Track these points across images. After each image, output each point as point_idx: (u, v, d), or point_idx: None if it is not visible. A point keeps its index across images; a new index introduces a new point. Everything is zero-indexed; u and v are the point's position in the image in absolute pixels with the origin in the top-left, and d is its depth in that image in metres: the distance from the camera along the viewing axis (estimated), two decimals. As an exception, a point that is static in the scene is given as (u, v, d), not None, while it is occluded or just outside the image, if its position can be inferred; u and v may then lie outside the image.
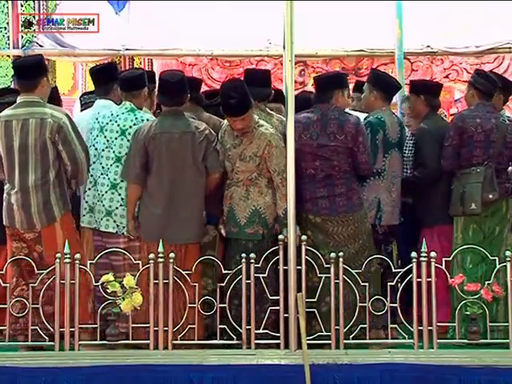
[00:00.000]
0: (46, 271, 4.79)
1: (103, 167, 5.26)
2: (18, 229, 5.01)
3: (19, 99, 5.10)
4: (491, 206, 5.46)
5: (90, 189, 5.30)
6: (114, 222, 5.21)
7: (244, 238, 5.06)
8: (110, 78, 5.57)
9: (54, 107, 5.16)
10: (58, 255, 4.74)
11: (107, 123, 5.29)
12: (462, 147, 5.48)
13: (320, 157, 5.16)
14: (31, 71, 5.09)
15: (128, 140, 5.23)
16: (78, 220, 5.31)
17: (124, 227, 5.19)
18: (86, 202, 5.29)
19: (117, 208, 5.22)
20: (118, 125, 5.28)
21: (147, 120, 5.27)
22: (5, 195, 5.07)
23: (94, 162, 5.28)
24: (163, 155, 5.07)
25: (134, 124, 5.25)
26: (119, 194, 5.23)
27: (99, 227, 5.22)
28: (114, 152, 5.25)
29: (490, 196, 5.40)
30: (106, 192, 5.23)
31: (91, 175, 5.28)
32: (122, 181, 5.22)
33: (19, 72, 5.20)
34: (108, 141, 5.27)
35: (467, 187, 5.41)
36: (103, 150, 5.27)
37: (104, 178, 5.25)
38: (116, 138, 5.26)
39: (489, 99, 5.60)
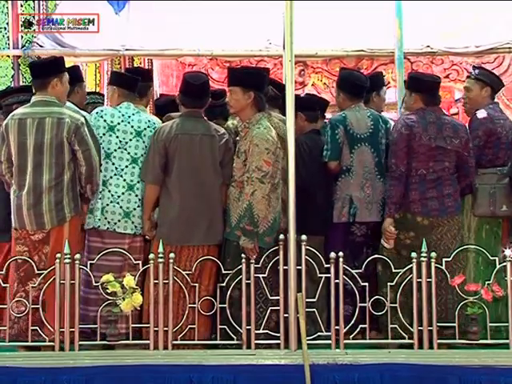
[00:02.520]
0: (46, 271, 4.78)
1: (116, 168, 5.22)
2: (26, 230, 4.97)
3: (34, 98, 5.08)
4: None
5: (101, 191, 5.20)
6: (133, 223, 5.20)
7: (233, 239, 5.05)
8: (75, 81, 5.49)
9: (72, 108, 5.14)
10: (58, 255, 4.73)
11: (118, 123, 5.26)
12: (486, 148, 5.46)
13: (434, 158, 5.20)
14: (41, 71, 5.10)
15: (144, 141, 5.25)
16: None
17: (142, 227, 5.20)
18: (102, 203, 5.17)
19: (134, 209, 5.20)
20: (132, 126, 5.28)
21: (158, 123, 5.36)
22: (13, 197, 5.03)
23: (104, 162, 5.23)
24: (183, 156, 5.09)
25: (148, 126, 5.30)
26: (136, 195, 5.22)
27: (115, 229, 5.17)
28: (128, 153, 5.24)
29: None
30: (123, 193, 5.20)
31: (104, 175, 5.21)
32: (138, 181, 5.22)
33: (32, 71, 5.21)
34: (121, 141, 5.25)
35: (497, 188, 5.38)
36: (115, 151, 5.24)
37: (118, 179, 5.21)
38: (131, 140, 5.25)
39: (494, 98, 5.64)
